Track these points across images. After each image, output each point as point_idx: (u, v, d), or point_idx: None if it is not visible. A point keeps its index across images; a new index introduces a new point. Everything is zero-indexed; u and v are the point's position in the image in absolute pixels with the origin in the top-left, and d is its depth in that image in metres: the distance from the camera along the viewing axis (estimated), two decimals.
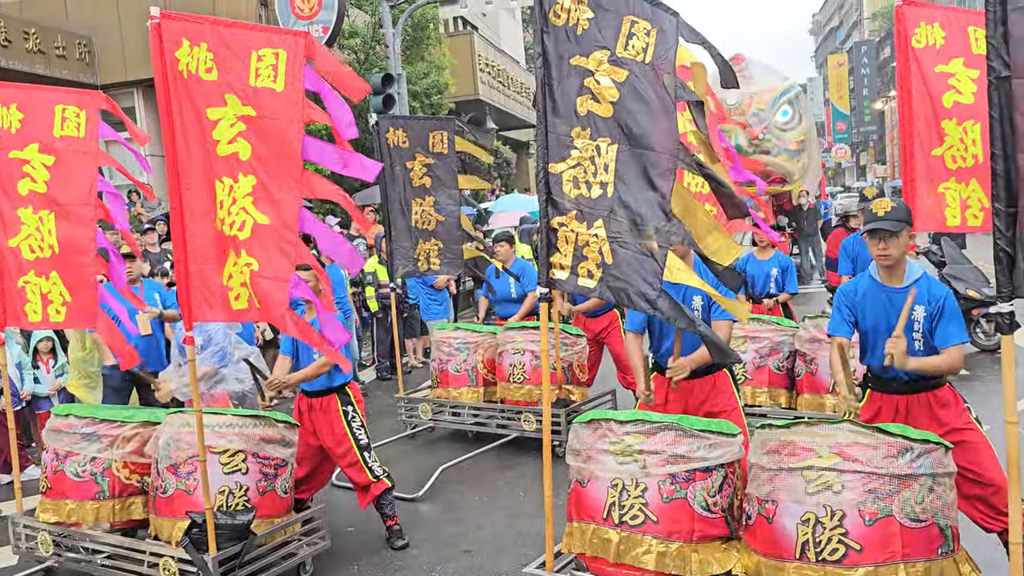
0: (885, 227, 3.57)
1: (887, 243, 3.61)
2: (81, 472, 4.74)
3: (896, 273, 3.70)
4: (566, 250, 3.67)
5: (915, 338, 3.66)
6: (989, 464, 3.62)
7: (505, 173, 23.31)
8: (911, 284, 3.67)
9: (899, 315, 3.56)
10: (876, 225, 3.60)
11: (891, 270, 3.70)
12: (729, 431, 3.57)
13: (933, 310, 3.61)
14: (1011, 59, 2.65)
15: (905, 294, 3.60)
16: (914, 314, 3.63)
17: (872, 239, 3.65)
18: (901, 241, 3.61)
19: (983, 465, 3.58)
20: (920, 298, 3.62)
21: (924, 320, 3.62)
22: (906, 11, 5.39)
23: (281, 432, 4.61)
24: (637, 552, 3.45)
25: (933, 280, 3.73)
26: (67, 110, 4.72)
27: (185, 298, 4.15)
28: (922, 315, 3.62)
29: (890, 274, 3.71)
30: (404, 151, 7.42)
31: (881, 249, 3.63)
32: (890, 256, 3.64)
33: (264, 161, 3.93)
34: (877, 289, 3.75)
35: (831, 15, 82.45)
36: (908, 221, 3.64)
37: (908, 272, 3.71)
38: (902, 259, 3.68)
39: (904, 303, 3.56)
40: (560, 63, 3.61)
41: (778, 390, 6.35)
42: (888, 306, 3.69)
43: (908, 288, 3.63)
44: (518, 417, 6.81)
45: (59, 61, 13.89)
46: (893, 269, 3.69)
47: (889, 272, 3.71)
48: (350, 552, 5.08)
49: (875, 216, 3.63)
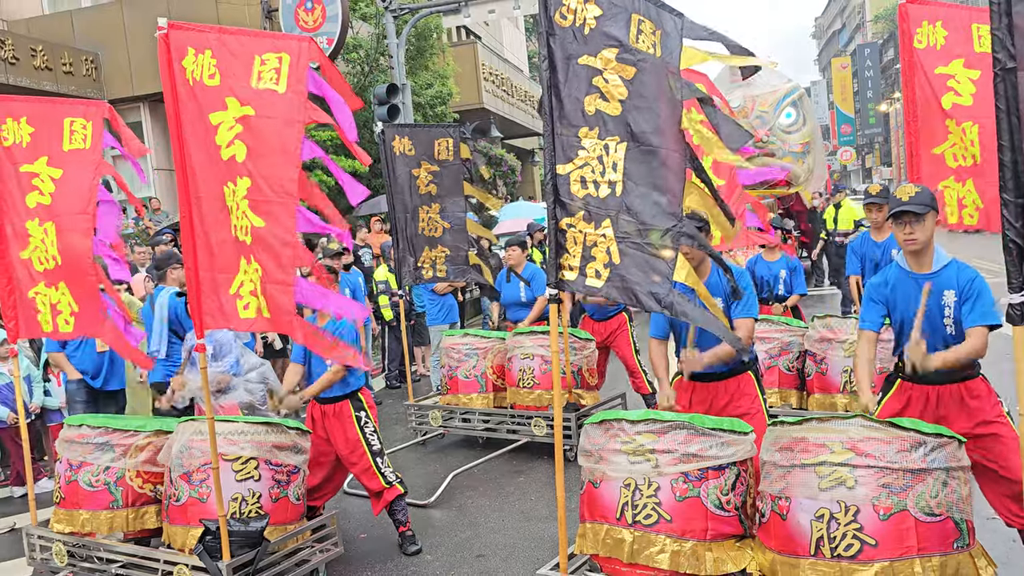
0: (911, 209, 3.56)
1: (913, 227, 3.59)
2: (95, 482, 4.76)
3: (924, 259, 3.67)
4: (575, 251, 3.67)
5: (946, 323, 3.64)
6: (1018, 460, 3.55)
7: (510, 181, 23.33)
8: (940, 269, 3.64)
9: (935, 299, 3.56)
10: (902, 207, 3.58)
11: (918, 256, 3.67)
12: (741, 429, 3.56)
13: (963, 293, 3.58)
14: (1016, 50, 2.65)
15: (936, 278, 3.59)
16: (945, 299, 3.61)
17: (897, 224, 3.63)
18: (927, 225, 3.59)
19: (1012, 460, 3.52)
20: (949, 282, 3.60)
21: (955, 305, 3.60)
22: (910, 9, 5.41)
23: (293, 439, 4.61)
24: (651, 552, 3.44)
25: (963, 264, 3.68)
26: (75, 123, 4.75)
27: (196, 306, 4.17)
28: (952, 300, 3.60)
29: (918, 261, 3.69)
30: (410, 159, 7.45)
31: (907, 234, 3.61)
32: (916, 240, 3.61)
33: (258, 161, 3.90)
34: (906, 277, 3.73)
35: (834, 18, 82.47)
36: (933, 206, 3.61)
37: (936, 258, 3.68)
38: (929, 244, 3.66)
39: (937, 292, 3.56)
40: (567, 64, 3.61)
41: (788, 390, 6.34)
42: (918, 293, 3.64)
43: (938, 273, 3.62)
44: (528, 422, 6.81)
45: (66, 77, 14.01)
46: (920, 255, 3.67)
47: (917, 258, 3.68)
48: (363, 558, 5.08)
49: (900, 201, 3.61)
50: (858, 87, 60.70)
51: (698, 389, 4.39)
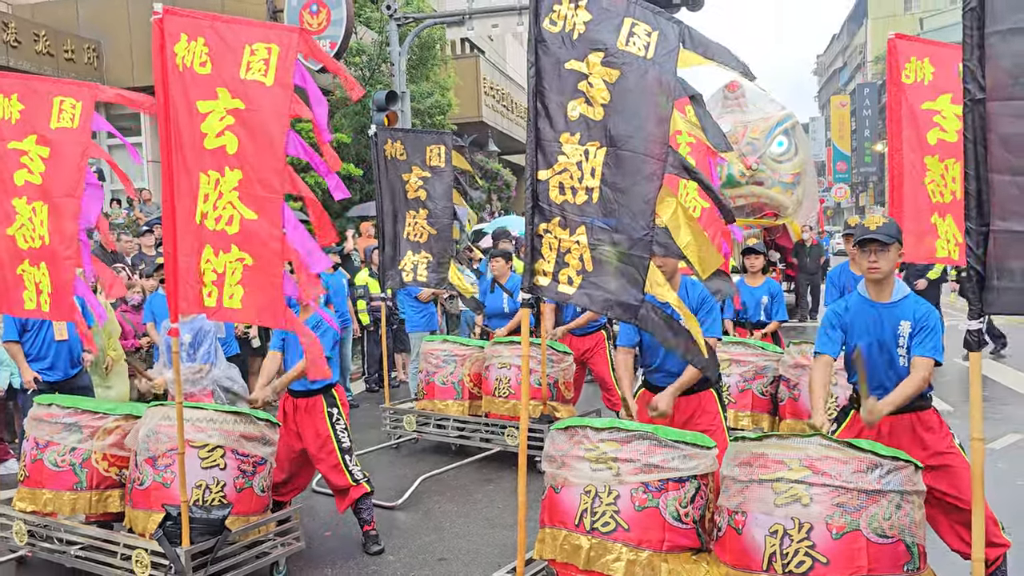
0: (877, 238, 3.67)
1: (878, 256, 3.70)
2: (60, 462, 4.74)
3: (885, 289, 3.79)
4: (549, 256, 3.69)
5: (900, 353, 3.74)
6: (969, 488, 3.63)
7: (504, 196, 23.41)
8: (899, 300, 3.76)
9: (891, 328, 3.70)
10: (868, 235, 3.69)
11: (880, 285, 3.78)
12: (704, 443, 3.59)
13: (917, 325, 3.70)
14: (986, 82, 2.71)
15: (894, 308, 3.71)
16: (900, 329, 3.73)
17: (863, 252, 3.74)
18: (891, 255, 3.71)
19: (965, 491, 3.56)
20: (906, 313, 3.73)
21: (909, 336, 3.71)
22: (899, 44, 5.50)
23: (262, 430, 4.61)
24: (607, 559, 3.46)
25: (919, 298, 3.83)
26: (64, 102, 4.76)
27: (172, 291, 4.18)
28: (907, 331, 3.72)
29: (879, 290, 3.80)
30: (401, 163, 7.48)
31: (872, 262, 3.72)
32: (879, 269, 3.73)
33: (250, 155, 3.93)
34: (866, 306, 3.83)
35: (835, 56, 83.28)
36: (898, 238, 3.75)
37: (896, 289, 3.80)
38: (891, 275, 3.78)
39: (893, 322, 3.69)
40: (555, 70, 3.63)
41: (761, 414, 6.37)
42: (877, 322, 3.77)
43: (897, 303, 3.74)
44: (502, 431, 6.82)
45: (67, 64, 14.03)
46: (882, 284, 3.78)
47: (878, 288, 3.79)
48: (325, 556, 5.07)
49: (867, 230, 3.73)
50: (856, 126, 61.23)
51: None
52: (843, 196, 53.76)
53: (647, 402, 4.40)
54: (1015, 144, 2.69)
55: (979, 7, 2.71)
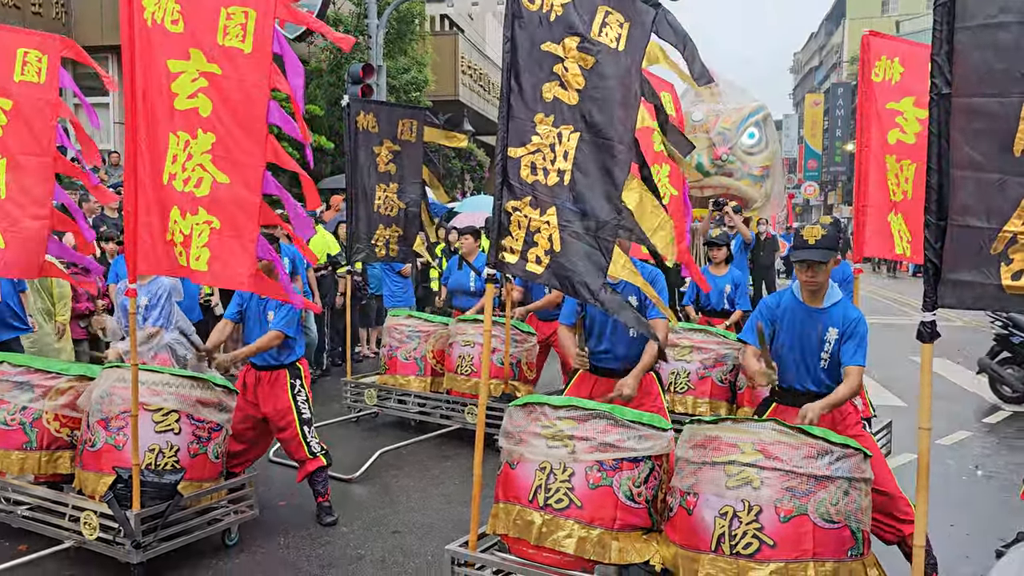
0: (813, 258, 3.73)
1: (815, 271, 3.76)
2: (10, 420, 4.66)
3: (818, 295, 3.86)
4: (518, 235, 3.70)
5: (823, 358, 3.82)
6: (881, 472, 3.76)
7: (477, 176, 23.32)
8: (830, 307, 3.83)
9: (819, 333, 3.77)
10: (804, 256, 3.75)
11: (814, 293, 3.86)
12: (660, 425, 3.62)
13: (846, 333, 3.76)
14: (953, 77, 2.74)
15: (824, 315, 3.78)
16: (827, 335, 3.79)
17: (800, 266, 3.80)
18: (827, 268, 3.77)
19: (877, 473, 3.65)
20: (834, 320, 3.79)
21: (835, 342, 3.78)
22: (872, 42, 5.56)
23: (219, 396, 4.56)
24: (558, 536, 3.48)
25: (850, 304, 3.89)
26: (28, 54, 4.65)
27: (132, 250, 4.11)
28: (834, 337, 3.78)
29: (812, 296, 3.87)
30: (372, 136, 7.43)
31: (808, 276, 3.79)
32: (816, 283, 3.80)
33: (226, 120, 3.88)
34: (798, 307, 3.90)
35: (812, 55, 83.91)
36: (835, 248, 3.79)
37: (829, 294, 3.87)
38: (825, 283, 3.85)
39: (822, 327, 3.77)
40: (530, 48, 3.63)
41: (719, 402, 6.43)
42: (807, 323, 3.85)
43: (827, 309, 3.80)
44: (463, 409, 6.82)
45: (34, 18, 13.68)
46: (816, 292, 3.85)
47: (812, 295, 3.86)
48: (278, 525, 5.04)
49: (805, 243, 3.77)
50: (828, 125, 61.77)
51: (599, 383, 4.47)
52: (812, 193, 54.41)
53: (586, 381, 4.48)
54: (976, 140, 2.72)
55: (950, 2, 2.74)
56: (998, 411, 8.33)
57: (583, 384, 4.49)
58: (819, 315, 3.82)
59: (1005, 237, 2.68)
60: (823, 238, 3.74)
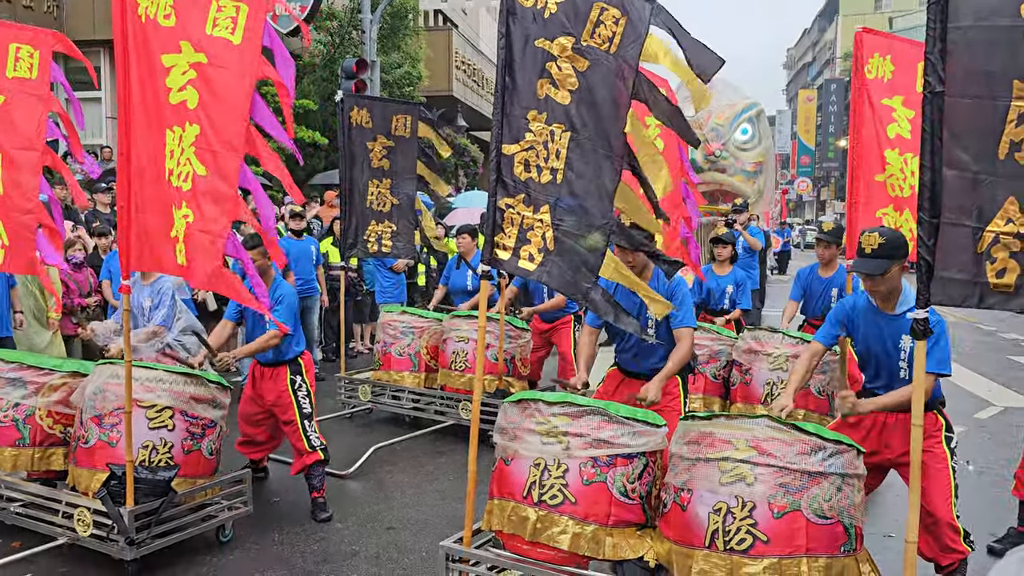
0: (864, 270, 3.64)
1: (874, 282, 3.68)
2: (2, 417, 4.65)
3: (889, 301, 3.77)
4: (511, 231, 3.70)
5: (901, 367, 3.78)
6: (936, 492, 3.67)
7: (471, 172, 23.30)
8: (903, 313, 3.68)
9: (892, 340, 3.71)
10: (856, 267, 3.67)
11: (885, 299, 3.78)
12: (654, 421, 3.62)
13: None
14: (946, 75, 2.75)
15: (895, 322, 3.69)
16: (903, 343, 3.73)
17: (860, 275, 3.72)
18: (889, 276, 3.64)
19: (929, 491, 3.61)
20: (908, 328, 3.48)
21: (910, 350, 3.67)
22: (865, 38, 5.57)
23: (212, 393, 4.56)
24: (553, 532, 3.49)
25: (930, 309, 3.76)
26: (21, 49, 4.63)
27: (124, 247, 4.10)
28: (909, 344, 3.68)
29: (884, 302, 3.80)
30: (366, 131, 7.42)
31: (869, 287, 3.73)
32: (879, 293, 3.74)
33: (209, 110, 3.84)
34: (872, 311, 3.85)
35: (805, 51, 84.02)
36: (895, 256, 3.61)
37: (903, 300, 3.74)
38: (896, 289, 3.73)
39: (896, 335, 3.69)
40: (524, 45, 3.63)
41: (712, 398, 6.44)
42: (882, 330, 3.79)
43: (900, 316, 3.68)
44: (457, 405, 6.83)
45: (25, 12, 13.60)
46: (887, 298, 3.76)
47: (883, 301, 3.79)
48: (273, 521, 5.05)
49: (861, 251, 3.66)
50: (821, 121, 61.93)
51: (625, 383, 4.50)
52: (805, 189, 54.55)
53: (613, 379, 4.51)
54: (967, 140, 2.74)
55: (944, 1, 2.75)
56: (990, 407, 8.37)
57: (611, 382, 4.53)
58: (891, 322, 3.73)
59: (988, 237, 2.72)
60: (880, 247, 3.59)
